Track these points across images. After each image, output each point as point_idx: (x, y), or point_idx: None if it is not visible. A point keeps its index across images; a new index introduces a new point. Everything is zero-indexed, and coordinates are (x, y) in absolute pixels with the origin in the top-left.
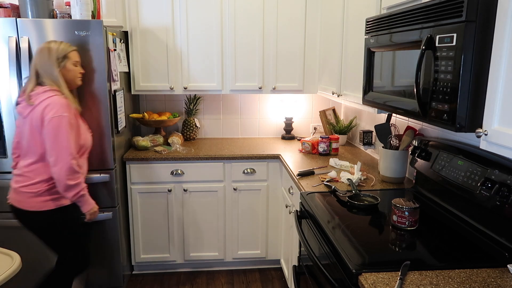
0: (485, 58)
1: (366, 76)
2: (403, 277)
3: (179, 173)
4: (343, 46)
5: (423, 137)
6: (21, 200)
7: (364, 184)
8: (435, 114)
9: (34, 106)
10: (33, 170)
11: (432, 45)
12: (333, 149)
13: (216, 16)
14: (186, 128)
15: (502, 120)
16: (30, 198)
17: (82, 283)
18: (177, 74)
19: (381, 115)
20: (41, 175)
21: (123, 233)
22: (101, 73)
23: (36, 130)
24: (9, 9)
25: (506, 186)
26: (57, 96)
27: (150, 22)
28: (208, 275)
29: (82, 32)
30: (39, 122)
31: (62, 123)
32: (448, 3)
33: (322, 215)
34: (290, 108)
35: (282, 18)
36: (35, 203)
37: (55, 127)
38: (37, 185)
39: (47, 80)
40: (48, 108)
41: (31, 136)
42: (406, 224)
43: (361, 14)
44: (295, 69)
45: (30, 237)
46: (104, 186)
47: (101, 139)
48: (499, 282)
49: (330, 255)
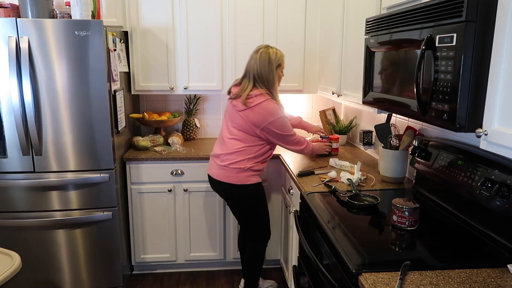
0: (485, 58)
1: (366, 76)
2: (403, 277)
3: (179, 173)
4: (343, 46)
5: (423, 137)
6: (229, 175)
7: (364, 184)
8: (435, 114)
9: (249, 107)
10: (242, 151)
11: (432, 45)
12: (333, 149)
13: (216, 16)
14: (186, 128)
15: (502, 120)
16: (238, 173)
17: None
18: (177, 74)
19: (381, 115)
20: (248, 155)
21: (123, 233)
22: (101, 73)
23: (250, 127)
24: (9, 9)
25: (506, 186)
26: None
27: (150, 22)
28: (208, 275)
29: (82, 32)
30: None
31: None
32: (448, 3)
33: (322, 215)
34: (290, 108)
35: (282, 18)
36: (242, 177)
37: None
38: (243, 162)
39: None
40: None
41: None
42: (406, 224)
43: (361, 14)
44: (295, 69)
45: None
46: (104, 186)
47: (101, 139)
48: (499, 282)
49: (330, 255)
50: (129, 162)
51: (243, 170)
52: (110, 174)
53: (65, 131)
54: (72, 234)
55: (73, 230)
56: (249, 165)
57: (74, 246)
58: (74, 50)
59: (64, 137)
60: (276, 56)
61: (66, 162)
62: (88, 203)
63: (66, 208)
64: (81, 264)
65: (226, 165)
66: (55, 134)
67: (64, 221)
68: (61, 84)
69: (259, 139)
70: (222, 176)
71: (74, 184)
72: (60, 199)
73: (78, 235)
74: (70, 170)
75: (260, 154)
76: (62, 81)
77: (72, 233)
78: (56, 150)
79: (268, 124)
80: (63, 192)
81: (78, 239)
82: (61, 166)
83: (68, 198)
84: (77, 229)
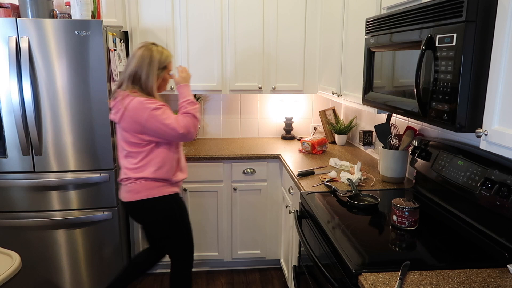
0: (485, 58)
1: (366, 76)
2: (403, 277)
3: None
4: (343, 46)
5: (423, 137)
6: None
7: (364, 184)
8: (435, 114)
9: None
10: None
11: (432, 45)
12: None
13: (216, 17)
14: None
15: (502, 120)
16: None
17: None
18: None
19: (381, 115)
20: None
21: (123, 233)
22: (101, 73)
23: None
24: (9, 9)
25: (506, 186)
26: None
27: (150, 22)
28: (208, 275)
29: (82, 32)
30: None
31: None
32: (448, 3)
33: (322, 215)
34: (290, 108)
35: (282, 18)
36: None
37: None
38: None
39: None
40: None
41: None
42: (406, 224)
43: (361, 14)
44: (295, 69)
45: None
46: (104, 186)
47: (101, 139)
48: (499, 282)
49: (330, 255)
50: None
51: (151, 181)
52: (110, 174)
53: (65, 131)
54: (72, 234)
55: (73, 230)
56: (150, 177)
57: (74, 246)
58: (74, 50)
59: (64, 137)
60: (161, 57)
61: (66, 162)
62: (88, 203)
63: (66, 208)
64: (81, 264)
65: (129, 181)
66: (55, 134)
67: (64, 221)
68: (61, 84)
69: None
70: (130, 195)
71: (74, 184)
72: (60, 199)
73: (78, 235)
74: (70, 170)
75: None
76: (62, 81)
77: (72, 233)
78: (56, 150)
79: (145, 119)
80: (63, 192)
81: (78, 239)
82: (61, 166)
83: (68, 198)
84: (77, 229)
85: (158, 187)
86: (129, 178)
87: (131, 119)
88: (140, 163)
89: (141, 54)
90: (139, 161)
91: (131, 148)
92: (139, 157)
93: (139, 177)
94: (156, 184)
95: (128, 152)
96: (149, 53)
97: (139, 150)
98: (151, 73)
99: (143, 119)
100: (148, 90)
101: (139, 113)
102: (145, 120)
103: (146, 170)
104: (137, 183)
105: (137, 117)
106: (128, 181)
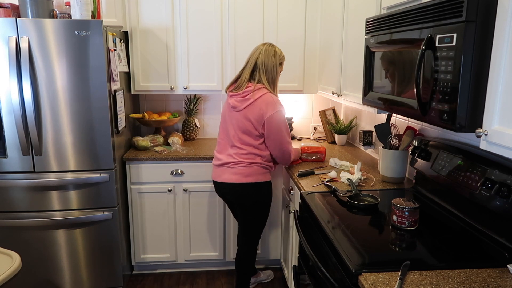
0: (485, 58)
1: (366, 76)
2: (403, 277)
3: (179, 173)
4: (343, 46)
5: (423, 137)
6: (247, 174)
7: (364, 184)
8: (435, 114)
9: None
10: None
11: (432, 45)
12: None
13: (216, 16)
14: (186, 128)
15: (502, 120)
16: (254, 172)
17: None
18: (177, 74)
19: (381, 115)
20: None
21: (123, 233)
22: (101, 73)
23: (253, 126)
24: (9, 9)
25: (506, 186)
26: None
27: (150, 22)
28: (208, 275)
29: (82, 32)
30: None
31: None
32: (448, 3)
33: (322, 215)
34: (290, 108)
35: (282, 17)
36: (259, 175)
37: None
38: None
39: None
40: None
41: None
42: (406, 224)
43: (361, 14)
44: (295, 69)
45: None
46: (104, 186)
47: (101, 139)
48: (499, 282)
49: (330, 255)
50: (129, 162)
51: (261, 167)
52: (110, 174)
53: (65, 131)
54: (72, 234)
55: (73, 230)
56: (262, 163)
57: (74, 246)
58: (74, 50)
59: (64, 137)
60: (281, 53)
61: (66, 162)
62: (88, 203)
63: (66, 208)
64: (81, 264)
65: (240, 165)
66: (55, 134)
67: (64, 221)
68: (61, 84)
69: (261, 136)
70: (240, 177)
71: (74, 184)
72: (60, 199)
73: (78, 235)
74: (70, 170)
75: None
76: (62, 81)
77: (72, 233)
78: (56, 150)
79: (269, 117)
80: (63, 192)
81: (78, 239)
82: (61, 166)
83: (68, 198)
84: (77, 229)
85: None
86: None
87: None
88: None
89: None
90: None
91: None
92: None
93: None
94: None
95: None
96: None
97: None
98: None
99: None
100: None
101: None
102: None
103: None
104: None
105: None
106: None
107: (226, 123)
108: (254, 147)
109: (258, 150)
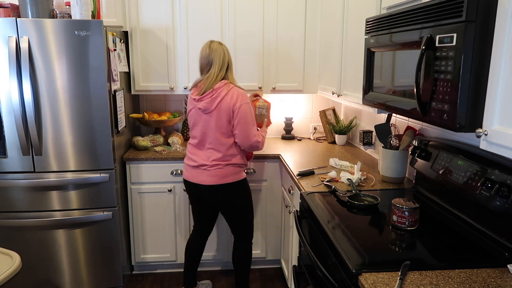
0: (485, 58)
1: (366, 76)
2: (403, 277)
3: (179, 173)
4: (343, 46)
5: (423, 137)
6: (225, 175)
7: (364, 184)
8: (435, 114)
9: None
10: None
11: (432, 45)
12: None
13: (216, 16)
14: (186, 128)
15: (502, 120)
16: (232, 172)
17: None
18: (177, 74)
19: (381, 115)
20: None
21: (123, 233)
22: (101, 73)
23: (225, 123)
24: (9, 9)
25: (506, 186)
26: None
27: (150, 22)
28: (208, 275)
29: (82, 32)
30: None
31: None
32: (448, 3)
33: (322, 215)
34: (290, 108)
35: (282, 17)
36: (236, 175)
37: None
38: (234, 158)
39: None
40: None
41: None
42: (406, 224)
43: (361, 14)
44: (295, 69)
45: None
46: (104, 186)
47: (101, 139)
48: (499, 282)
49: (330, 255)
50: (129, 162)
51: (237, 166)
52: (110, 174)
53: (65, 131)
54: (72, 234)
55: (73, 230)
56: (238, 161)
57: (74, 246)
58: (74, 50)
59: (64, 137)
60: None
61: (66, 162)
62: (88, 203)
63: (66, 208)
64: (81, 264)
65: (218, 167)
66: (55, 134)
67: (64, 221)
68: (61, 84)
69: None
70: (217, 179)
71: (74, 184)
72: (60, 199)
73: (78, 235)
74: (70, 170)
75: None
76: (62, 81)
77: (72, 233)
78: (56, 150)
79: (239, 107)
80: (63, 192)
81: (78, 239)
82: (61, 166)
83: (68, 198)
84: (77, 229)
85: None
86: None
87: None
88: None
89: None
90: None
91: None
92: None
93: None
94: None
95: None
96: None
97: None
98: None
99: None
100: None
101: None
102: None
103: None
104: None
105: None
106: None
107: (198, 127)
108: (229, 147)
109: (233, 149)
